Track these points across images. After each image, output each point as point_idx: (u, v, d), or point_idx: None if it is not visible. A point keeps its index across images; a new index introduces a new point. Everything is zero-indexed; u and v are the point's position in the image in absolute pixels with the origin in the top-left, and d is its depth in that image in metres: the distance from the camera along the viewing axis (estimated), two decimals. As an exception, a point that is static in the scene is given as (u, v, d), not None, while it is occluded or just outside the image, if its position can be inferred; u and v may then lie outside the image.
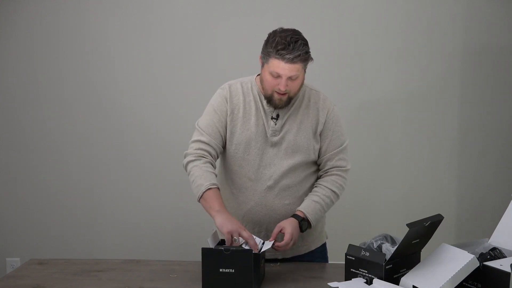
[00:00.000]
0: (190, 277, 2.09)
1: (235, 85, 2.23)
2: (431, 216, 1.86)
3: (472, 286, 1.80)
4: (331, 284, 1.92)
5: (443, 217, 1.89)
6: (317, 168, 2.29)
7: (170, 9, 3.36)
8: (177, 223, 3.49)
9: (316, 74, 3.30)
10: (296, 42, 2.03)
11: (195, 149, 2.18)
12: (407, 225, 1.78)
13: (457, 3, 3.31)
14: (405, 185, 3.45)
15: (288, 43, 2.02)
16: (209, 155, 2.18)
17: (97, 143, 3.47)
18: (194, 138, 2.21)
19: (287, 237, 2.06)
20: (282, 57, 2.02)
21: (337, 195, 2.24)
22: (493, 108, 3.39)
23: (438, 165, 3.44)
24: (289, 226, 2.08)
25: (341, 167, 2.25)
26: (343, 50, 3.36)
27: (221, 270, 1.91)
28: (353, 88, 3.38)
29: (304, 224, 2.12)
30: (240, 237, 1.99)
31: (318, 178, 2.29)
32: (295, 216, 2.14)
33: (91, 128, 3.46)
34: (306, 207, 2.15)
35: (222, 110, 2.20)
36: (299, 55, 2.02)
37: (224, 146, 2.24)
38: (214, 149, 2.19)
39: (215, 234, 2.05)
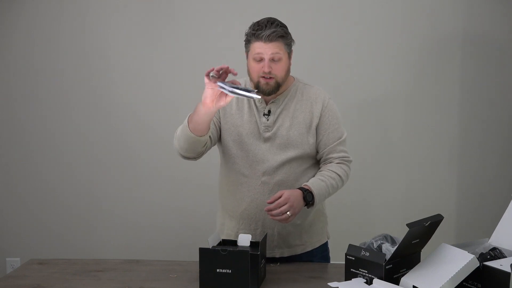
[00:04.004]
0: (190, 277, 2.09)
1: None
2: (431, 216, 1.86)
3: (472, 286, 1.79)
4: (331, 284, 1.92)
5: (443, 217, 1.88)
6: (314, 162, 2.28)
7: (171, 8, 3.36)
8: (177, 223, 3.49)
9: (316, 73, 3.33)
10: (272, 23, 2.12)
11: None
12: (407, 225, 1.78)
13: (457, 2, 3.31)
14: (405, 185, 3.45)
15: (264, 25, 2.11)
16: None
17: (97, 143, 3.47)
18: None
19: (281, 200, 2.01)
20: (259, 37, 2.10)
21: (341, 180, 2.22)
22: (493, 107, 3.39)
23: (438, 164, 3.44)
24: (288, 192, 2.05)
25: (345, 157, 2.25)
26: (343, 50, 3.36)
27: (218, 270, 1.91)
28: (354, 87, 3.38)
29: (308, 195, 2.09)
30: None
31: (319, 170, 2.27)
32: (300, 188, 2.12)
33: (92, 127, 3.46)
34: (312, 182, 2.14)
35: None
36: (274, 31, 2.09)
37: (217, 141, 2.26)
38: None
39: (215, 234, 2.06)
